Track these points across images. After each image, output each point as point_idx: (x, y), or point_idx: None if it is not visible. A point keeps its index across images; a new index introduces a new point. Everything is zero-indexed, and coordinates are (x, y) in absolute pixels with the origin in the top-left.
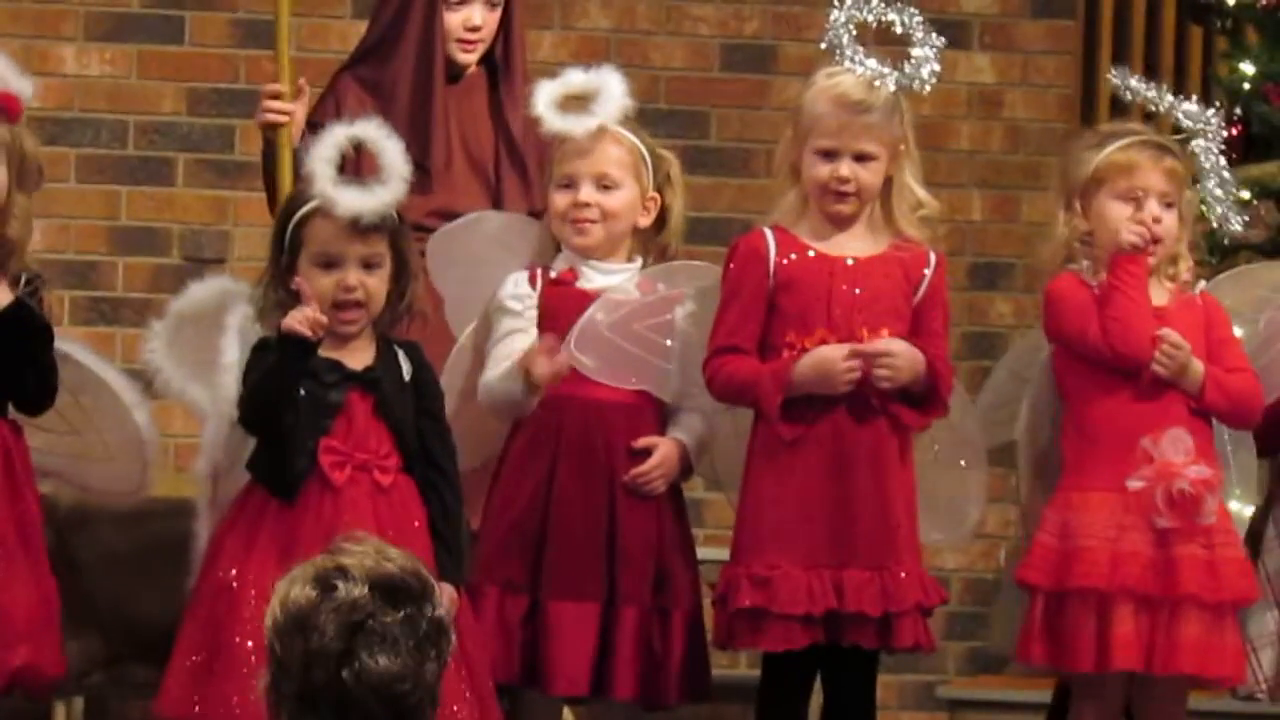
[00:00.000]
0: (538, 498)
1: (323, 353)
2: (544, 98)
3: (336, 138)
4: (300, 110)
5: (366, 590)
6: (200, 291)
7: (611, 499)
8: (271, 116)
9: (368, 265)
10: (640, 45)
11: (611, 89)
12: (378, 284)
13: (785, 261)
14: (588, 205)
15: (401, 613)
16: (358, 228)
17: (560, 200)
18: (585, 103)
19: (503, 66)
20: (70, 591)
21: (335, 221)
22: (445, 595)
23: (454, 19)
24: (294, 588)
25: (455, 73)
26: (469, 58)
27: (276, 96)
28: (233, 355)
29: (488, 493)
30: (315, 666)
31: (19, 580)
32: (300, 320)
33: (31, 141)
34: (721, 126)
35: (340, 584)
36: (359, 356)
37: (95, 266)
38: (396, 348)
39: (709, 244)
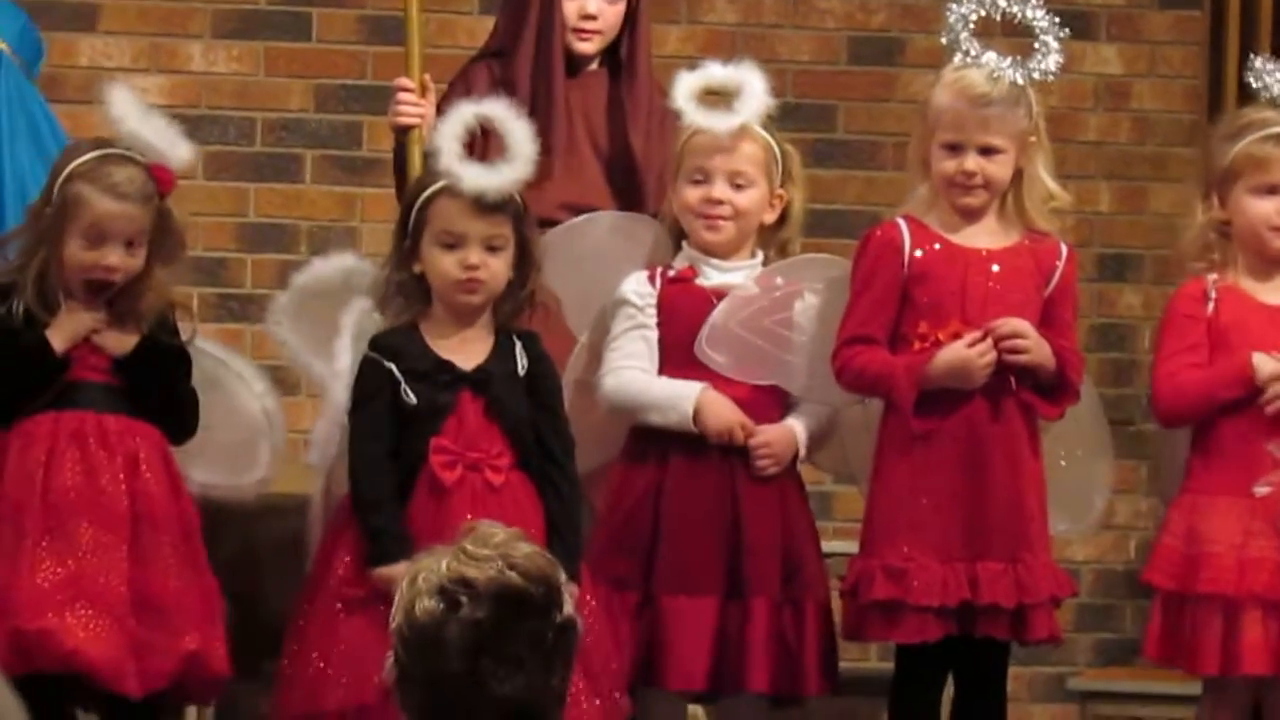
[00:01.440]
0: (649, 493)
1: (437, 348)
2: (684, 90)
3: (464, 116)
4: (431, 109)
5: (490, 607)
6: (324, 268)
7: (734, 492)
8: (404, 118)
9: (491, 246)
10: (767, 38)
11: (754, 86)
12: (500, 265)
13: (919, 253)
14: (721, 202)
15: (526, 627)
16: (481, 206)
17: (692, 194)
18: (725, 97)
19: (626, 63)
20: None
21: (459, 200)
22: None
23: (570, 7)
24: (419, 598)
25: (576, 66)
26: (586, 46)
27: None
28: (346, 360)
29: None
30: (440, 684)
31: (186, 573)
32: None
33: (177, 216)
34: (848, 119)
35: (464, 598)
36: (474, 350)
37: (224, 263)
38: (515, 339)
39: (835, 237)
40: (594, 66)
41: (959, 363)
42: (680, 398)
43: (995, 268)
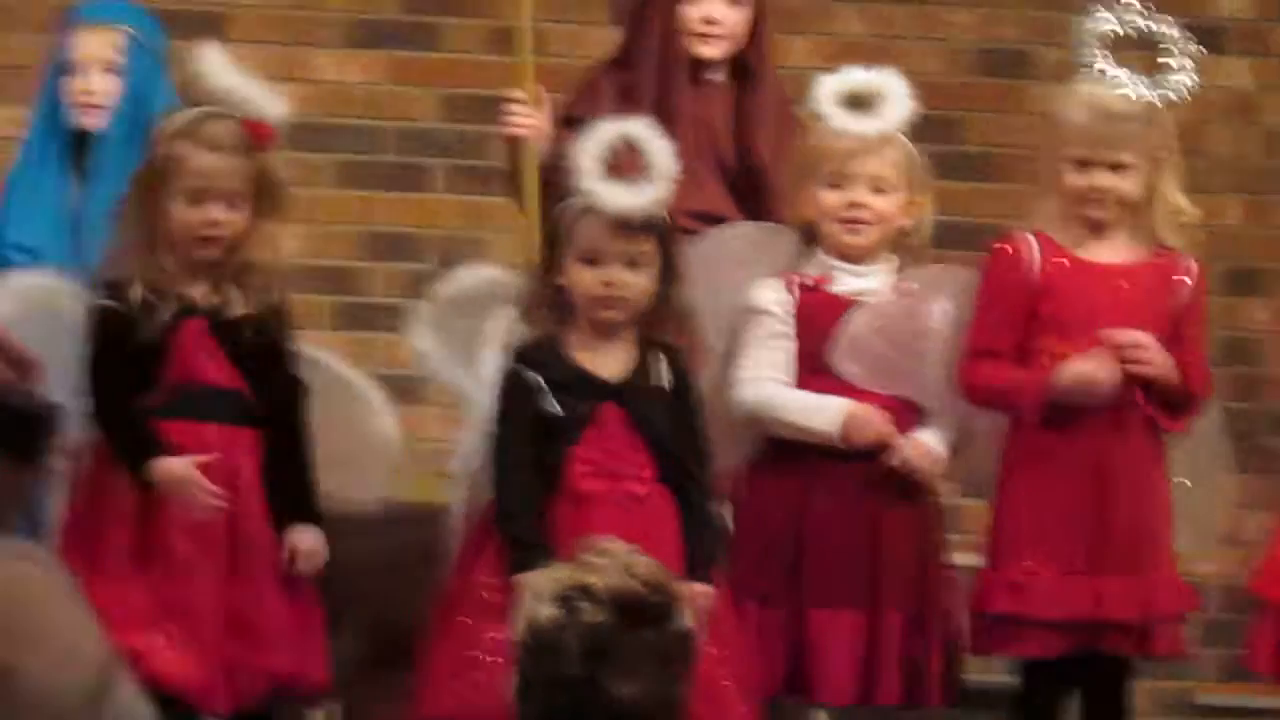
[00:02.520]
0: (792, 510)
1: (580, 359)
2: (826, 94)
3: (606, 134)
4: (543, 119)
5: (610, 612)
6: (468, 279)
7: (874, 505)
8: (515, 129)
9: (632, 264)
10: (895, 50)
11: (897, 91)
12: (642, 282)
13: (1048, 267)
14: (862, 206)
15: (645, 634)
16: (622, 225)
17: (831, 199)
18: (866, 102)
19: (750, 71)
20: (328, 597)
21: (601, 218)
22: (699, 595)
23: (692, 12)
24: (540, 606)
25: (699, 74)
26: (709, 50)
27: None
28: (491, 369)
29: (738, 502)
30: (559, 690)
31: (279, 587)
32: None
33: (279, 168)
34: (976, 132)
35: (584, 605)
36: (616, 362)
37: (352, 272)
38: (660, 353)
39: (962, 249)
40: (717, 76)
41: (1085, 377)
42: (827, 411)
43: (1123, 283)
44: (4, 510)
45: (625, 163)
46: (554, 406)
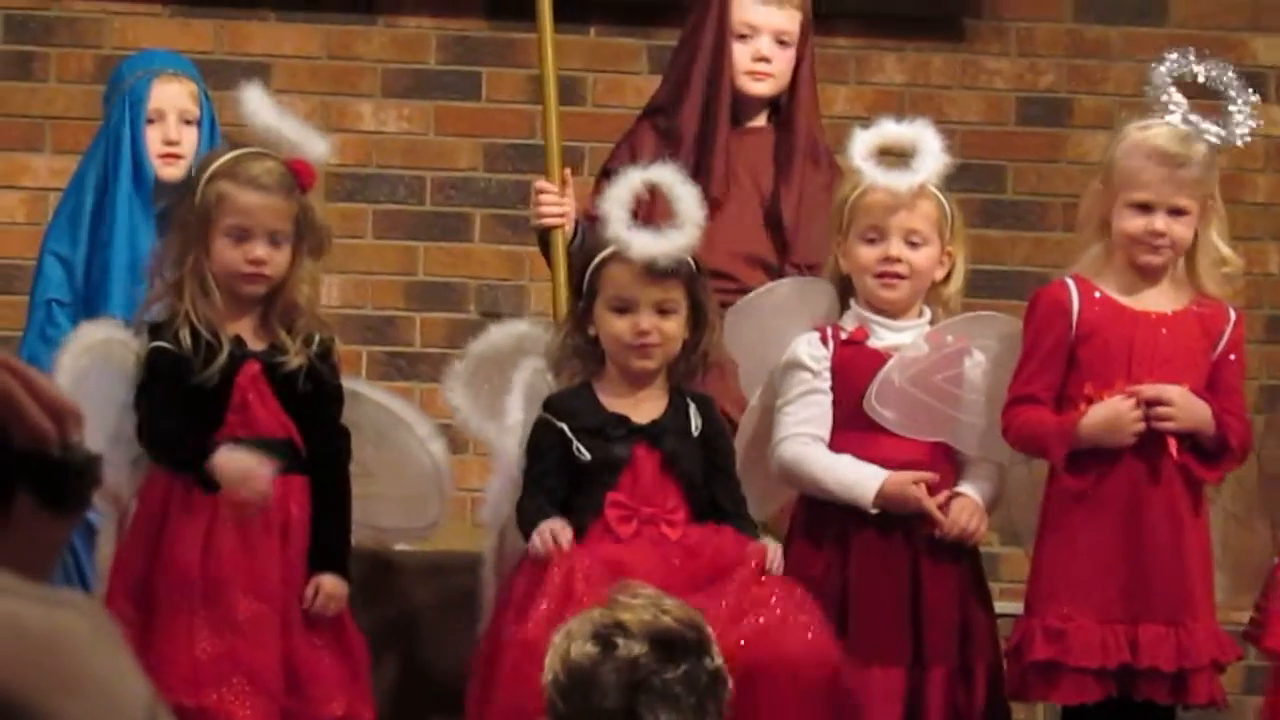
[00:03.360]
0: (833, 566)
1: (611, 406)
2: (861, 148)
3: (631, 182)
4: (570, 205)
5: (646, 647)
6: (498, 335)
7: (914, 558)
8: (546, 219)
9: (662, 310)
10: (935, 99)
11: (931, 144)
12: (673, 329)
13: (1088, 313)
14: (898, 260)
15: (681, 668)
16: (652, 272)
17: (867, 254)
18: (900, 155)
19: (791, 116)
20: (381, 644)
21: (629, 265)
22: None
23: (743, 51)
24: (574, 644)
25: (744, 116)
26: (759, 87)
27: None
28: (518, 415)
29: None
30: None
31: (330, 633)
32: None
33: (319, 210)
34: (1017, 180)
35: (620, 641)
36: (648, 408)
37: (392, 321)
38: (689, 400)
39: (1004, 297)
40: (759, 121)
41: (1110, 418)
42: (863, 484)
43: (1163, 330)
44: (43, 560)
45: (653, 210)
46: (584, 454)
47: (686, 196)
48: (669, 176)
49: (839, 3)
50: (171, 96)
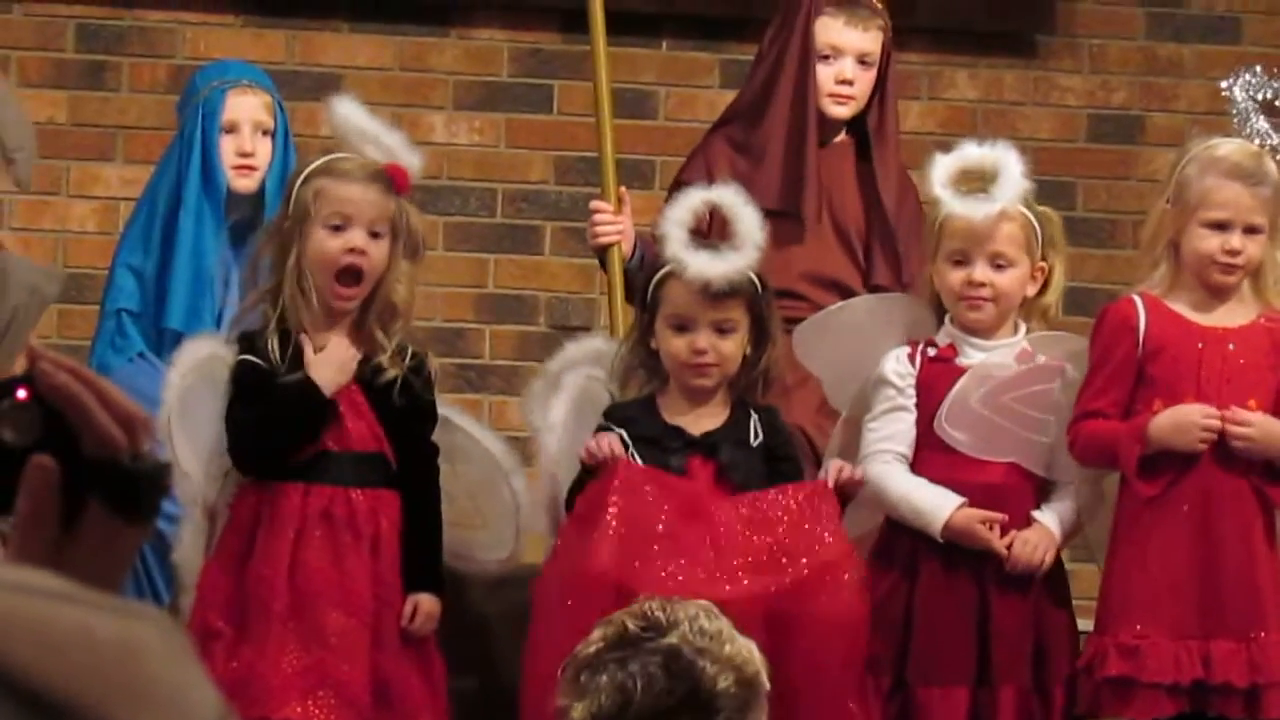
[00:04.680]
0: (901, 583)
1: (671, 418)
2: (940, 175)
3: (692, 201)
4: (627, 222)
5: (634, 622)
6: (574, 352)
7: (981, 579)
8: (603, 239)
9: (720, 330)
10: (1008, 115)
11: (1011, 168)
12: (732, 348)
13: (1156, 330)
14: (982, 284)
15: (663, 641)
16: (709, 293)
17: (952, 277)
18: (981, 178)
19: (875, 134)
20: (454, 655)
21: (688, 285)
22: None
23: (826, 73)
24: (627, 618)
25: (825, 136)
26: (841, 110)
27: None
28: (559, 415)
29: None
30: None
31: (415, 648)
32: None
33: (416, 214)
34: (1088, 197)
35: (617, 619)
36: (708, 420)
37: (463, 333)
38: (752, 411)
39: (1074, 314)
40: (842, 138)
41: (1179, 420)
42: (934, 514)
43: (1231, 346)
44: (113, 569)
45: (713, 229)
46: (638, 461)
47: (746, 217)
48: (730, 197)
49: (912, 18)
50: (246, 108)
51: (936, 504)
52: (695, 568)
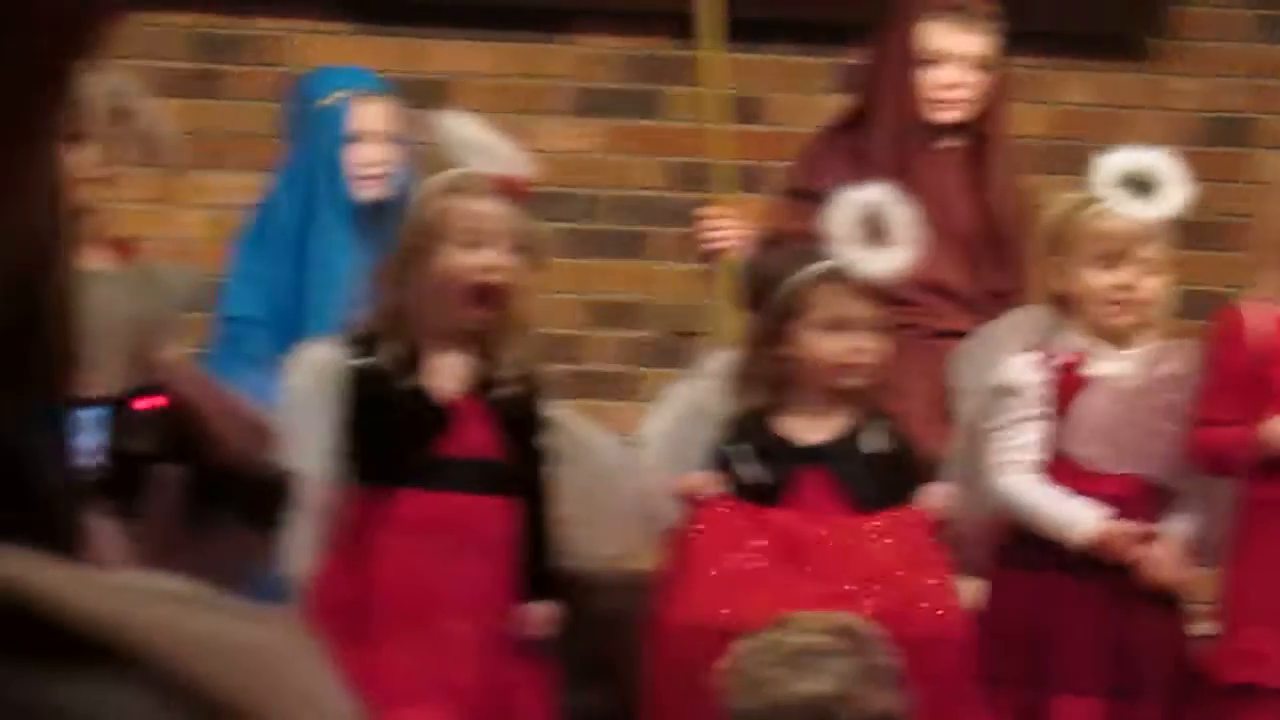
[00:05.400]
0: (1032, 593)
1: (785, 429)
2: (1107, 175)
3: (855, 202)
4: (739, 228)
5: (818, 633)
6: (708, 362)
7: (1117, 588)
8: (715, 245)
9: (874, 330)
10: (1120, 119)
11: (1175, 174)
12: (883, 348)
13: (1265, 336)
14: (1132, 288)
15: (845, 645)
16: (869, 291)
17: (1103, 280)
18: (1145, 184)
19: (985, 138)
20: (584, 649)
21: (847, 285)
22: None
23: (930, 78)
24: (749, 641)
25: (933, 140)
26: (946, 115)
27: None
28: (658, 426)
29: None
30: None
31: (527, 655)
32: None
33: (535, 226)
34: (1202, 200)
35: (792, 629)
36: (823, 430)
37: (575, 340)
38: (871, 419)
39: (1187, 318)
40: (951, 142)
41: None
42: (1078, 527)
43: None
44: (240, 575)
45: (872, 229)
46: (746, 475)
47: (901, 215)
48: (885, 196)
49: (1024, 22)
50: (373, 116)
51: (1076, 517)
52: (794, 600)
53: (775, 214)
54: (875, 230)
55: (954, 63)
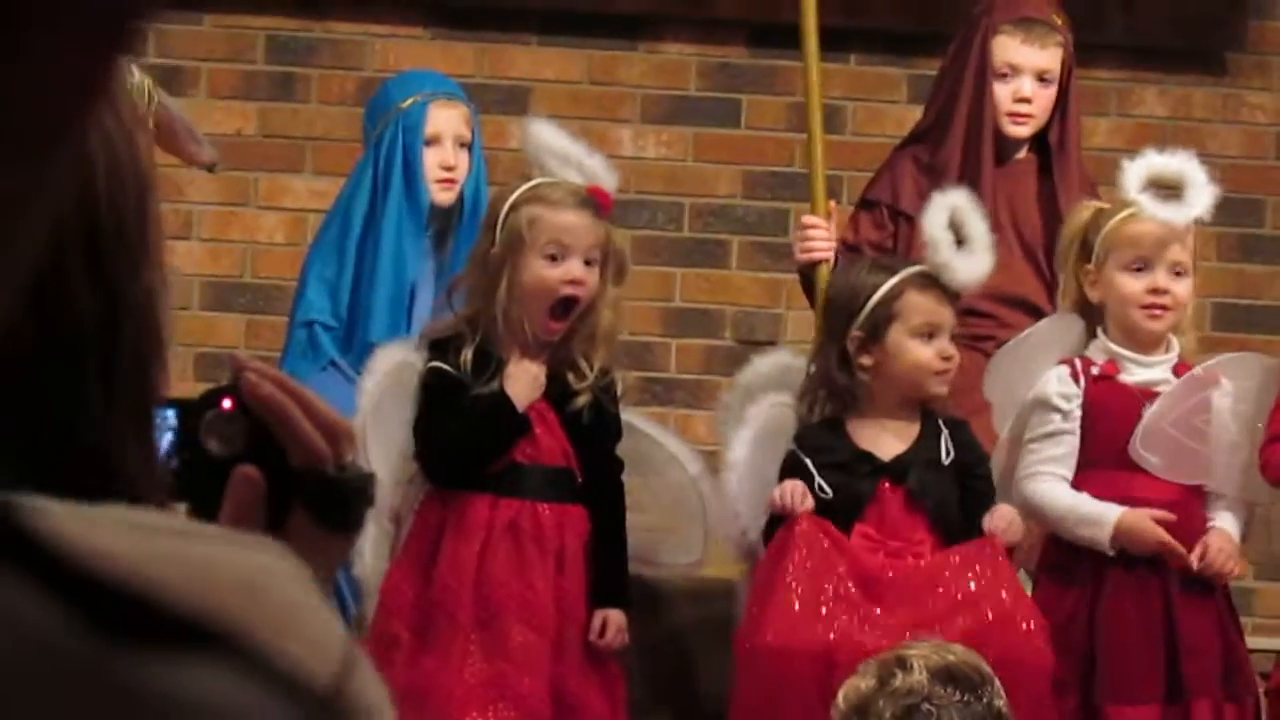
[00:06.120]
0: (1083, 602)
1: (861, 441)
2: (1135, 179)
3: (946, 208)
4: (835, 237)
5: (926, 677)
6: (764, 366)
7: (1166, 591)
8: (815, 254)
9: (955, 337)
10: (1196, 132)
11: (1200, 177)
12: (959, 356)
13: None
14: (1165, 292)
15: (959, 696)
16: (952, 295)
17: (1132, 284)
18: (1171, 187)
19: (1057, 150)
20: (641, 668)
21: (935, 290)
22: None
23: (1004, 91)
24: (860, 679)
25: (1006, 153)
26: (1020, 130)
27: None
28: (741, 453)
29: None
30: None
31: (594, 664)
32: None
33: (619, 237)
34: (1276, 214)
35: (899, 673)
36: (898, 442)
37: (649, 347)
38: (943, 426)
39: (1261, 332)
40: (1022, 155)
41: None
42: (1098, 524)
43: None
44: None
45: (957, 235)
46: (826, 490)
47: (979, 221)
48: (965, 201)
49: (1101, 35)
50: (448, 121)
51: (1103, 509)
52: (885, 628)
53: (851, 225)
54: (959, 236)
55: (1027, 76)
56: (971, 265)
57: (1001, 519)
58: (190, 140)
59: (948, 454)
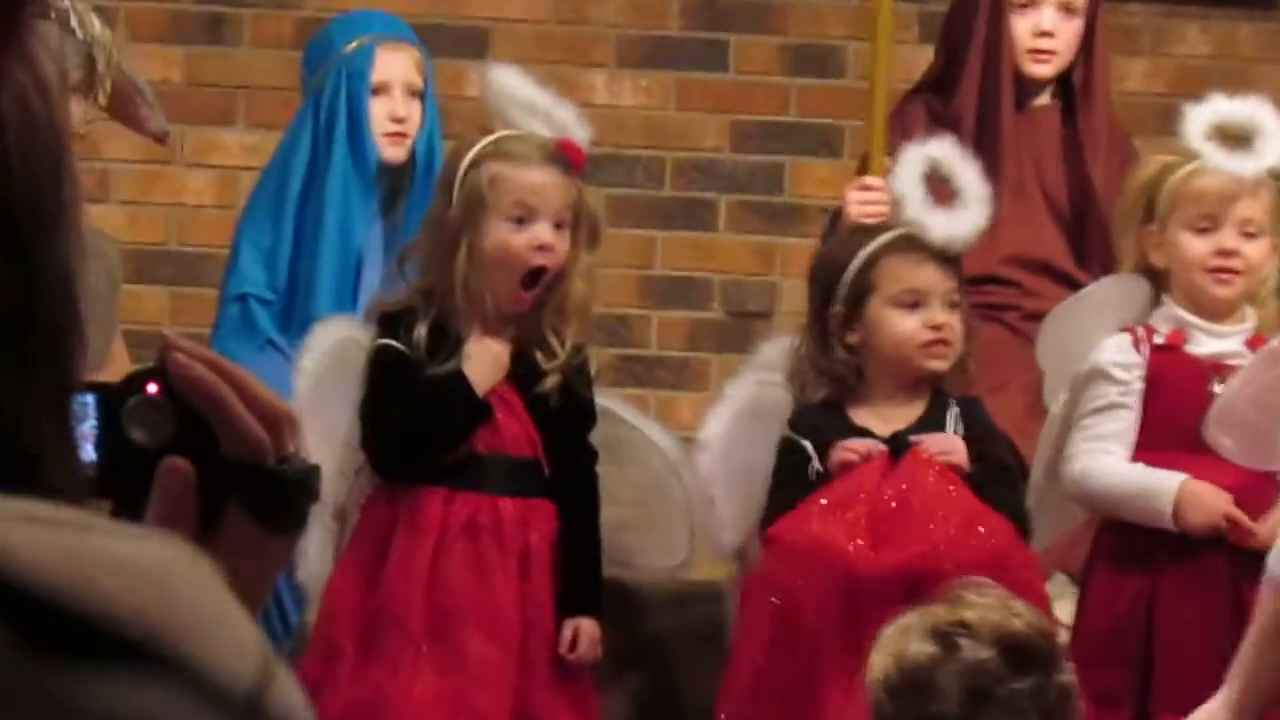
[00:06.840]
0: (1140, 600)
1: (859, 419)
2: (1197, 127)
3: (916, 159)
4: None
5: (993, 652)
6: (771, 351)
7: (1236, 584)
8: (871, 219)
9: (951, 304)
10: (1243, 74)
11: (1272, 124)
12: (959, 323)
13: None
14: (1234, 254)
15: (1031, 681)
16: (943, 258)
17: (1198, 246)
18: (1238, 137)
19: (1081, 94)
20: (617, 684)
21: (917, 254)
22: None
23: (1022, 25)
24: (911, 642)
25: (1026, 97)
26: (1042, 70)
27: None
28: (715, 429)
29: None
30: None
31: (560, 672)
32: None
33: (594, 197)
34: None
35: (964, 642)
36: (899, 419)
37: (626, 321)
38: (952, 404)
39: None
40: (1044, 99)
41: None
42: (1158, 494)
43: None
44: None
45: (940, 190)
46: (819, 468)
47: (968, 174)
48: (948, 152)
49: None
50: (397, 67)
51: (1164, 476)
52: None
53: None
54: (943, 191)
55: (1048, 7)
56: (958, 221)
57: (936, 442)
58: (143, 106)
59: (955, 429)
